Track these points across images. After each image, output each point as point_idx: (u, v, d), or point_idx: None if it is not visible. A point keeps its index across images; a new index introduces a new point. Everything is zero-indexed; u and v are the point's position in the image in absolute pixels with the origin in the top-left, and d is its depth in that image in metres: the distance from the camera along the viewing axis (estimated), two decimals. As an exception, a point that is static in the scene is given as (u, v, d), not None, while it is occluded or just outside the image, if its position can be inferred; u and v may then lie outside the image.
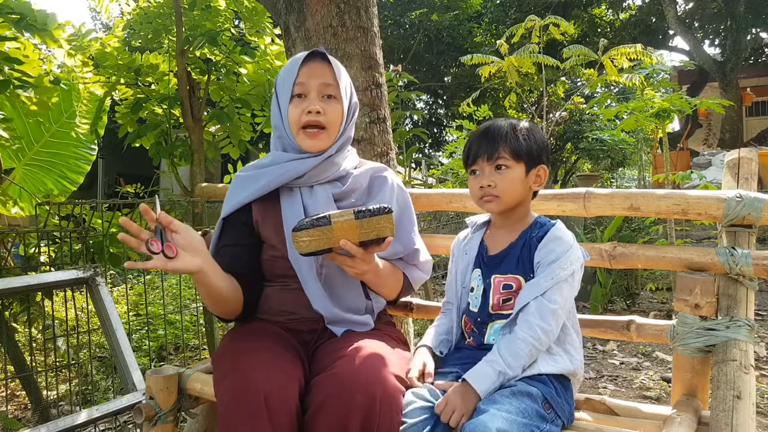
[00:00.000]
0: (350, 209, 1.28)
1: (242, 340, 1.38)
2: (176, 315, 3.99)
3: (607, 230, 4.37)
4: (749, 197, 1.34)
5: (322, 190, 1.47)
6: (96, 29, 4.99)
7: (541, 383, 1.22)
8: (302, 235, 1.27)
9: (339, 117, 1.48)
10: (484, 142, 1.34)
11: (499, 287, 1.34)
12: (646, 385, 2.93)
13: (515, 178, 1.33)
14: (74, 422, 1.98)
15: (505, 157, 1.32)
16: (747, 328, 1.30)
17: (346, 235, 1.26)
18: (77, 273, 2.29)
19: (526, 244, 1.35)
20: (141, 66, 3.24)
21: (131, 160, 8.84)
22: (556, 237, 1.31)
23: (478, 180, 1.36)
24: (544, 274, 1.27)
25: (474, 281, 1.41)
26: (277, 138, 1.52)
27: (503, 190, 1.33)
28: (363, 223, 1.25)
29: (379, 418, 1.14)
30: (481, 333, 1.36)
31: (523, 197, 1.37)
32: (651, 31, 13.83)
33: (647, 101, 4.19)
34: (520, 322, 1.24)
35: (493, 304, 1.34)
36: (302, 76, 1.45)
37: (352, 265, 1.32)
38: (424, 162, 12.03)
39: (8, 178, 3.06)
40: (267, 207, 1.48)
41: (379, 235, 1.27)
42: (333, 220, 1.26)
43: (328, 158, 1.47)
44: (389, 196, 1.52)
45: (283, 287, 1.46)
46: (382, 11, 12.45)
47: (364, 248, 1.29)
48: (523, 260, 1.33)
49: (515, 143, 1.32)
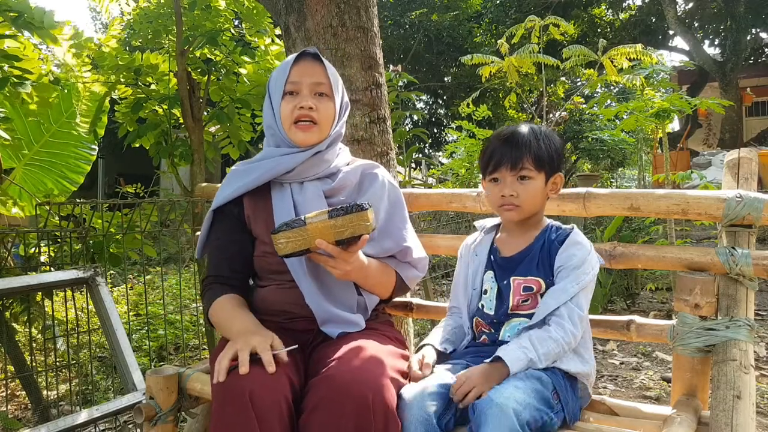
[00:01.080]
0: (325, 209, 1.29)
1: None
2: (176, 315, 3.99)
3: (607, 230, 4.37)
4: (749, 197, 1.34)
5: (313, 186, 1.48)
6: (96, 29, 5.01)
7: (553, 374, 1.24)
8: (280, 237, 1.28)
9: (331, 114, 1.49)
10: (508, 150, 1.34)
11: (519, 289, 1.35)
12: (646, 385, 2.93)
13: (537, 189, 1.34)
14: (74, 422, 1.98)
15: (528, 167, 1.32)
16: (747, 328, 1.30)
17: (322, 234, 1.27)
18: (77, 273, 2.29)
19: (545, 247, 1.36)
20: (141, 66, 3.24)
21: (131, 160, 8.83)
22: (577, 242, 1.34)
23: (499, 188, 1.36)
24: (570, 279, 1.29)
25: (486, 283, 1.42)
26: (270, 136, 1.53)
27: (524, 200, 1.33)
28: (337, 222, 1.26)
29: (374, 420, 1.14)
30: (497, 331, 1.38)
31: (541, 205, 1.39)
32: (651, 31, 13.83)
33: (647, 101, 4.19)
34: (555, 325, 1.26)
35: (513, 306, 1.35)
36: (294, 75, 1.47)
37: (334, 264, 1.32)
38: (424, 162, 12.03)
39: (8, 178, 3.06)
40: (258, 202, 1.49)
41: (354, 233, 1.27)
42: (308, 221, 1.27)
43: (317, 153, 1.48)
44: (380, 192, 1.52)
45: (278, 286, 1.46)
46: (382, 11, 12.44)
47: (341, 247, 1.29)
48: (543, 263, 1.35)
49: (538, 152, 1.33)
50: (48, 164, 3.49)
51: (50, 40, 2.54)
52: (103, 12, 3.87)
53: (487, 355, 1.27)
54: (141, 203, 2.85)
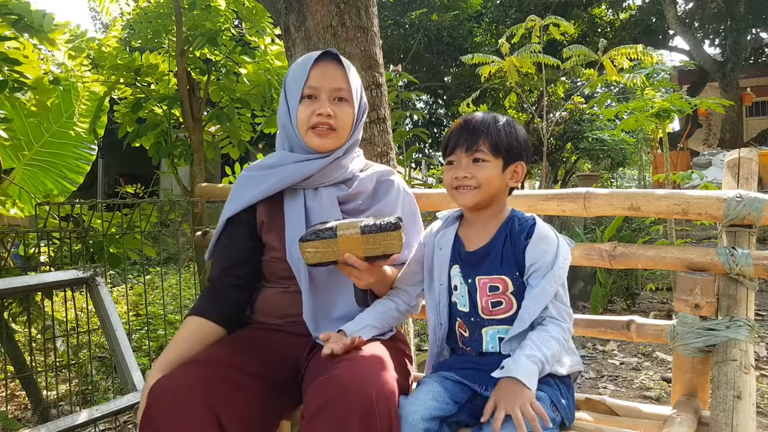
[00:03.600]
0: (357, 222, 1.26)
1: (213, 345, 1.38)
2: (176, 315, 3.99)
3: (607, 230, 4.37)
4: (749, 197, 1.34)
5: (327, 192, 1.45)
6: (96, 29, 5.01)
7: (547, 386, 1.22)
8: (308, 247, 1.25)
9: (350, 119, 1.46)
10: (464, 133, 1.32)
11: (486, 289, 1.32)
12: (646, 385, 2.93)
13: (493, 173, 1.31)
14: (74, 422, 1.98)
15: (483, 150, 1.30)
16: (747, 328, 1.30)
17: (351, 248, 1.24)
18: (77, 273, 2.29)
19: (507, 240, 1.32)
20: (141, 66, 3.24)
21: (131, 160, 8.84)
22: (544, 235, 1.30)
23: (453, 170, 1.33)
24: (546, 279, 1.25)
25: (455, 278, 1.37)
26: (285, 137, 1.49)
27: (480, 181, 1.30)
28: (369, 238, 1.24)
29: (378, 422, 1.13)
30: (477, 338, 1.34)
31: (498, 192, 1.34)
32: (651, 31, 13.82)
33: (647, 101, 4.19)
34: (551, 324, 1.24)
35: (483, 308, 1.32)
36: (314, 79, 1.43)
37: (359, 276, 1.31)
38: (424, 162, 12.03)
39: (8, 178, 3.06)
40: (273, 208, 1.46)
41: (386, 251, 1.25)
42: (339, 233, 1.24)
43: (335, 160, 1.45)
44: (394, 200, 1.51)
45: (283, 290, 1.45)
46: (382, 11, 12.44)
47: (369, 263, 1.28)
48: (507, 258, 1.31)
49: (496, 137, 1.30)
50: (48, 164, 3.49)
51: (49, 43, 2.54)
52: (103, 12, 3.87)
53: (475, 367, 1.26)
54: (141, 203, 2.85)
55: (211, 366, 1.24)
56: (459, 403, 1.23)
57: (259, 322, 1.47)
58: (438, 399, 1.21)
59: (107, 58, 3.19)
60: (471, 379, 1.26)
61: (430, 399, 1.21)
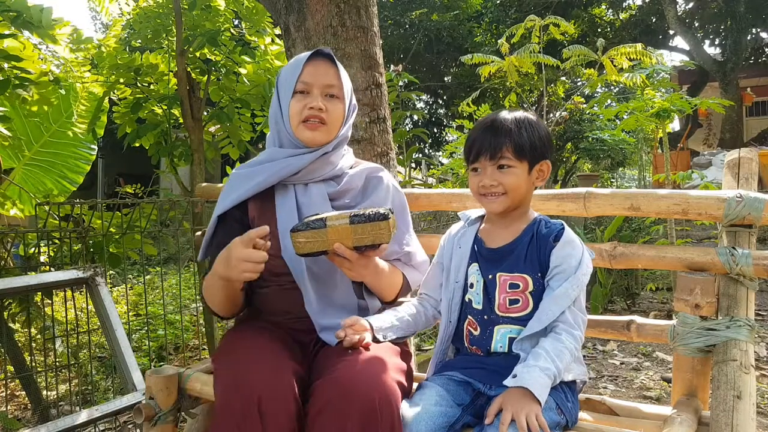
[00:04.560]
0: (347, 213, 1.27)
1: (240, 338, 1.38)
2: (176, 315, 3.99)
3: (607, 230, 4.37)
4: (749, 197, 1.34)
5: (317, 188, 1.47)
6: (96, 29, 5.01)
7: (554, 390, 1.21)
8: (299, 236, 1.27)
9: (340, 116, 1.49)
10: (487, 139, 1.30)
11: (505, 286, 1.30)
12: (647, 385, 2.93)
13: (519, 178, 1.29)
14: (74, 422, 1.98)
15: (508, 156, 1.28)
16: (747, 328, 1.30)
17: (341, 238, 1.26)
18: (77, 273, 2.29)
19: (533, 242, 1.31)
20: (140, 66, 3.24)
21: (131, 160, 8.83)
22: (571, 240, 1.29)
23: (479, 178, 1.31)
24: (570, 281, 1.25)
25: (472, 276, 1.36)
26: (276, 133, 1.51)
27: (507, 189, 1.29)
28: (357, 228, 1.25)
29: (380, 423, 1.13)
30: (487, 337, 1.32)
31: (525, 194, 1.34)
32: (651, 31, 13.83)
33: (647, 101, 4.19)
34: (565, 333, 1.22)
35: (500, 304, 1.30)
36: (306, 75, 1.46)
37: (350, 267, 1.32)
38: (424, 162, 12.03)
39: (8, 178, 3.06)
40: (264, 204, 1.48)
41: (375, 241, 1.26)
42: (328, 224, 1.26)
43: (324, 155, 1.47)
44: (384, 196, 1.52)
45: (279, 287, 1.46)
46: (382, 11, 12.44)
47: (359, 252, 1.29)
48: (531, 258, 1.30)
49: (518, 140, 1.28)
50: (47, 164, 3.49)
51: (49, 39, 2.54)
52: (103, 12, 3.87)
53: (482, 367, 1.26)
54: (140, 203, 2.85)
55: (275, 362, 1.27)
56: (462, 405, 1.23)
57: (260, 319, 1.48)
58: (441, 403, 1.20)
59: (107, 58, 3.18)
60: (475, 378, 1.26)
61: (433, 405, 1.19)
